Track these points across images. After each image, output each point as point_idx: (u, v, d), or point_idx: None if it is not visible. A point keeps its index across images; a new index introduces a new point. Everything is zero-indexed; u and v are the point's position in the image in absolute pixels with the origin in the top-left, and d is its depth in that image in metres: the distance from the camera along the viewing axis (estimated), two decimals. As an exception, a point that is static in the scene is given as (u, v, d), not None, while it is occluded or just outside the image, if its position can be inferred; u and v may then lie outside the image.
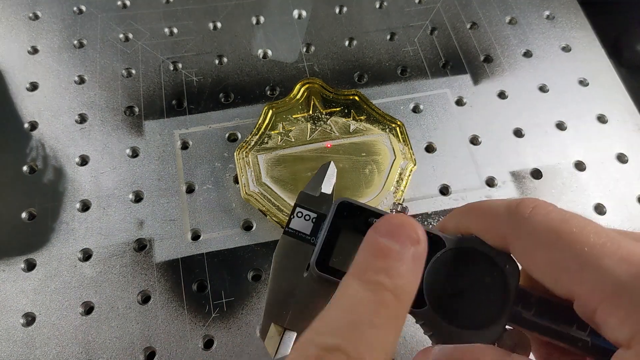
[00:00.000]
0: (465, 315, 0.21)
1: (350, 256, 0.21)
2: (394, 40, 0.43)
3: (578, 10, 0.45)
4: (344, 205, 0.23)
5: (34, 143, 0.37)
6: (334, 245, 0.23)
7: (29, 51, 0.40)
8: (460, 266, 0.21)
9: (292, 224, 0.24)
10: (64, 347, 0.30)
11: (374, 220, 0.23)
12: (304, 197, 0.25)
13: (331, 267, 0.22)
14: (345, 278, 0.19)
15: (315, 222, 0.24)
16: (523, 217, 0.19)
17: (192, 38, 0.42)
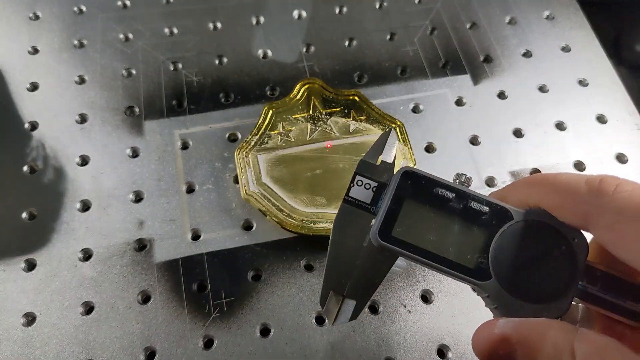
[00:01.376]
0: (532, 289, 0.21)
1: (414, 227, 0.22)
2: (393, 41, 0.43)
3: (578, 10, 0.45)
4: (408, 174, 0.22)
5: (35, 143, 0.37)
6: (397, 215, 0.22)
7: (29, 51, 0.40)
8: (528, 239, 0.21)
9: (352, 193, 0.24)
10: (64, 347, 0.30)
11: (439, 190, 0.22)
12: (364, 166, 0.24)
13: (394, 237, 0.22)
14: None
15: (376, 192, 0.24)
16: (607, 193, 0.19)
17: (192, 38, 0.42)
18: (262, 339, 0.30)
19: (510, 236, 0.21)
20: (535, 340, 0.19)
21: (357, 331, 0.31)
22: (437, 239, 0.22)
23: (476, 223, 0.22)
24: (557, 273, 0.21)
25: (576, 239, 0.21)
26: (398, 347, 0.30)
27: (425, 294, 0.32)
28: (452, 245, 0.22)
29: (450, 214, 0.22)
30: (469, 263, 0.21)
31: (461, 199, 0.22)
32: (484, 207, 0.22)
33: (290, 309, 0.31)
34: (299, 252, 0.33)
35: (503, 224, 0.21)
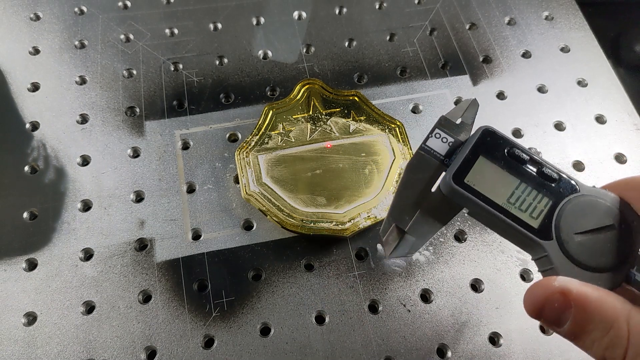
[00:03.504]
0: (587, 257, 0.22)
1: (485, 179, 0.24)
2: (393, 41, 0.43)
3: (577, 11, 0.45)
4: (488, 132, 0.24)
5: (36, 143, 0.37)
6: (471, 165, 0.24)
7: (30, 52, 0.41)
8: (593, 213, 0.22)
9: (429, 143, 0.26)
10: (65, 347, 0.30)
11: (515, 150, 0.24)
12: (444, 121, 0.26)
13: (466, 183, 0.24)
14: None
15: (451, 146, 0.25)
16: None
17: (193, 39, 0.42)
18: (262, 339, 0.31)
19: (575, 206, 0.23)
20: (594, 301, 0.19)
21: (357, 331, 0.31)
22: (506, 194, 0.23)
23: (545, 187, 0.23)
24: (614, 248, 0.22)
25: (635, 222, 0.22)
26: (398, 347, 0.30)
27: (425, 293, 0.32)
28: (520, 203, 0.23)
29: (523, 174, 0.24)
30: (533, 222, 0.23)
31: (535, 163, 0.24)
32: (554, 174, 0.23)
33: (290, 308, 0.31)
34: (299, 252, 0.33)
35: (569, 194, 0.23)
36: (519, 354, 0.31)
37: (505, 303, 0.32)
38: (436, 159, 0.25)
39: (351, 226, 0.33)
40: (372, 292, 0.32)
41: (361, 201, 0.34)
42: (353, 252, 0.33)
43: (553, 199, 0.23)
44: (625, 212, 0.22)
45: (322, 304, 0.32)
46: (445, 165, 0.25)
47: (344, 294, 0.32)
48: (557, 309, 0.20)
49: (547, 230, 0.23)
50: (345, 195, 0.34)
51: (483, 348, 0.31)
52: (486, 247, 0.34)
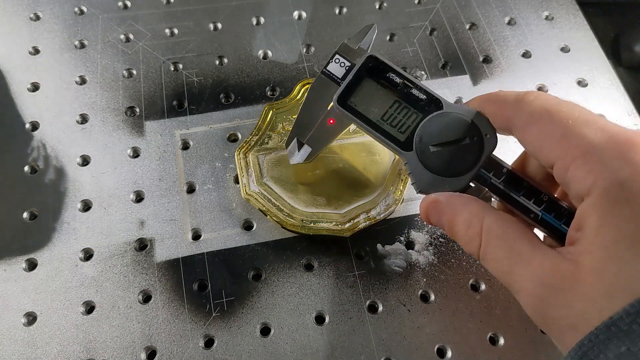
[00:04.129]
0: (440, 165, 0.26)
1: (365, 100, 0.28)
2: (393, 41, 0.43)
3: (577, 11, 0.45)
4: (372, 58, 0.28)
5: (35, 143, 0.37)
6: (354, 89, 0.28)
7: (30, 52, 0.41)
8: (449, 127, 0.26)
9: (329, 67, 0.30)
10: (65, 347, 0.30)
11: (390, 75, 0.28)
12: (344, 48, 0.30)
13: (349, 105, 0.28)
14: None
15: (348, 70, 0.29)
16: (526, 101, 0.24)
17: (193, 39, 0.42)
18: (262, 339, 0.31)
19: (436, 121, 0.27)
20: (458, 205, 0.25)
21: (357, 331, 0.31)
22: (380, 112, 0.28)
23: (413, 106, 0.27)
24: (464, 157, 0.26)
25: (488, 135, 0.26)
26: (398, 347, 0.30)
27: (424, 293, 0.32)
28: (391, 120, 0.27)
29: (395, 95, 0.28)
30: (400, 137, 0.27)
31: (406, 86, 0.28)
32: (422, 95, 0.27)
33: (290, 308, 0.31)
34: (299, 252, 0.33)
35: (433, 112, 0.27)
36: (519, 354, 0.30)
37: (506, 303, 0.32)
38: (334, 81, 0.29)
39: (351, 226, 0.33)
40: (372, 292, 0.32)
41: (361, 201, 0.34)
42: (353, 252, 0.33)
43: (420, 116, 0.27)
44: (480, 126, 0.26)
45: (322, 304, 0.32)
46: (338, 86, 0.29)
47: (344, 294, 0.32)
48: (435, 215, 0.26)
49: (409, 143, 0.27)
50: (345, 195, 0.34)
51: (483, 348, 0.31)
52: (486, 247, 0.34)
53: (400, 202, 0.34)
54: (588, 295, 0.19)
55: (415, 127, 0.27)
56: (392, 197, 0.34)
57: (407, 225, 0.35)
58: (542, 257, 0.21)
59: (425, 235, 0.34)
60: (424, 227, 0.35)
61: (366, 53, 0.28)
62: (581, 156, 0.21)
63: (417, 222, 0.35)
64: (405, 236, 0.34)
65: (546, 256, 0.21)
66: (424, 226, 0.35)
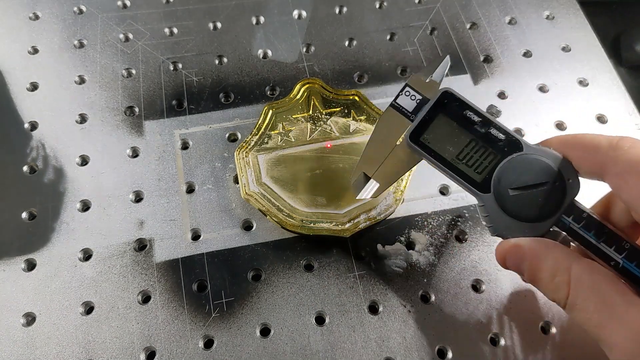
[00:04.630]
0: (519, 209, 0.25)
1: (440, 138, 0.27)
2: (393, 41, 0.43)
3: (578, 10, 0.45)
4: (447, 94, 0.27)
5: (35, 143, 0.37)
6: (428, 125, 0.27)
7: (29, 51, 0.40)
8: (530, 170, 0.25)
9: (399, 100, 0.29)
10: (64, 347, 0.30)
11: (467, 112, 0.27)
12: (415, 80, 0.29)
13: (421, 141, 0.27)
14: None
15: (419, 103, 0.28)
16: (623, 148, 0.23)
17: (192, 38, 0.42)
18: (262, 339, 0.30)
19: (516, 163, 0.26)
20: (541, 252, 0.24)
21: (357, 331, 0.31)
22: (456, 151, 0.27)
23: (491, 146, 0.26)
24: (545, 202, 0.25)
25: (571, 180, 0.25)
26: (398, 347, 0.30)
27: (425, 294, 0.32)
28: (467, 159, 0.27)
29: (472, 134, 0.27)
30: (476, 177, 0.26)
31: (484, 124, 0.27)
32: (501, 135, 0.26)
33: (290, 309, 0.31)
34: (299, 252, 0.33)
35: (513, 153, 0.26)
36: (519, 354, 0.30)
37: (506, 303, 0.32)
38: (404, 115, 0.28)
39: (351, 226, 0.33)
40: (372, 292, 0.32)
41: (361, 201, 0.34)
42: (353, 252, 0.33)
43: (498, 156, 0.26)
44: (563, 170, 0.25)
45: (322, 305, 0.32)
46: (411, 120, 0.28)
47: (344, 294, 0.32)
48: (515, 260, 0.25)
49: (487, 185, 0.26)
50: (345, 195, 0.34)
51: (483, 348, 0.31)
52: (486, 247, 0.34)
53: (400, 202, 0.34)
54: None
55: (493, 168, 0.26)
56: (392, 197, 0.34)
57: (407, 226, 0.34)
58: (637, 311, 0.21)
59: (426, 235, 0.34)
60: (424, 227, 0.35)
61: (440, 88, 0.27)
62: None
63: (417, 222, 0.35)
64: (406, 236, 0.34)
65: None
66: (424, 226, 0.35)
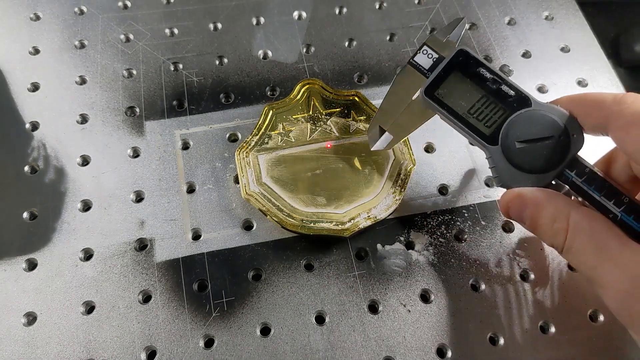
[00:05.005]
0: (524, 161, 0.26)
1: (453, 93, 0.28)
2: (393, 41, 0.43)
3: (577, 10, 0.45)
4: (462, 52, 0.28)
5: (35, 143, 0.37)
6: (443, 81, 0.28)
7: (30, 52, 0.41)
8: (536, 125, 0.27)
9: (417, 58, 0.30)
10: (65, 347, 0.30)
11: (480, 70, 0.28)
12: (433, 39, 0.31)
13: (436, 96, 0.28)
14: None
15: (435, 62, 0.30)
16: (626, 102, 0.24)
17: (193, 39, 0.42)
18: (262, 339, 0.31)
19: (523, 118, 0.27)
20: (543, 200, 0.25)
21: (357, 331, 0.31)
22: (467, 106, 0.28)
23: (501, 102, 0.27)
24: (549, 155, 0.26)
25: (575, 135, 0.26)
26: (398, 347, 0.30)
27: (424, 293, 0.32)
28: (478, 114, 0.28)
29: (484, 90, 0.28)
30: (486, 131, 0.28)
31: (496, 82, 0.28)
32: (511, 91, 0.27)
33: (290, 308, 0.31)
34: (299, 252, 0.33)
35: (521, 108, 0.27)
36: (519, 354, 0.31)
37: (505, 303, 0.32)
38: (420, 72, 0.30)
39: (351, 226, 0.33)
40: (372, 292, 0.32)
41: (361, 201, 0.34)
42: (353, 252, 0.33)
43: (507, 111, 0.27)
44: (569, 125, 0.26)
45: (322, 304, 0.32)
46: (427, 77, 0.29)
47: (344, 294, 0.32)
48: (517, 208, 0.26)
49: (495, 138, 0.27)
50: (345, 195, 0.34)
51: (483, 348, 0.31)
52: (486, 247, 0.34)
53: (400, 202, 0.34)
54: None
55: (502, 122, 0.27)
56: (392, 197, 0.34)
57: (407, 225, 0.35)
58: (631, 254, 0.22)
59: (425, 235, 0.34)
60: (424, 227, 0.35)
61: (456, 46, 0.29)
62: None
63: (417, 222, 0.35)
64: (405, 236, 0.34)
65: (636, 253, 0.22)
66: (424, 226, 0.35)
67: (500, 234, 0.35)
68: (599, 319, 0.32)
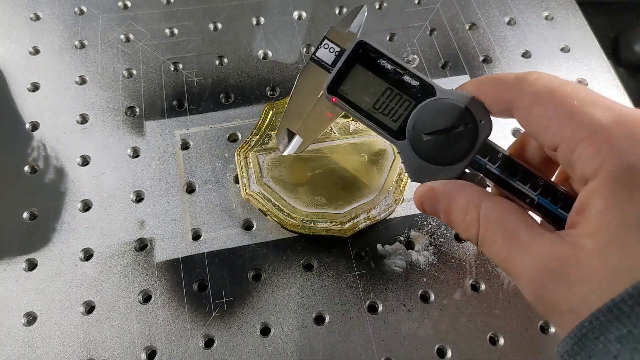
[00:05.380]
0: (434, 153, 0.25)
1: (356, 88, 0.27)
2: (393, 41, 0.43)
3: (577, 10, 0.45)
4: (362, 44, 0.27)
5: (36, 143, 0.37)
6: (345, 76, 0.27)
7: (30, 52, 0.41)
8: (442, 114, 0.26)
9: (318, 53, 0.29)
10: (65, 347, 0.30)
11: (381, 61, 0.27)
12: (333, 32, 0.29)
13: (339, 93, 0.27)
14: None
15: (337, 55, 0.29)
16: (529, 81, 0.23)
17: (193, 39, 0.42)
18: (262, 339, 0.31)
19: (428, 109, 0.26)
20: (454, 192, 0.24)
21: (357, 331, 0.31)
22: (372, 101, 0.27)
23: (405, 93, 0.26)
24: (458, 144, 0.25)
25: (483, 121, 0.25)
26: (398, 347, 0.30)
27: (424, 293, 0.32)
28: (383, 108, 0.27)
29: (387, 83, 0.27)
30: (392, 125, 0.26)
31: (398, 73, 0.27)
32: (415, 81, 0.26)
33: (290, 308, 0.31)
34: (299, 252, 0.33)
35: (426, 98, 0.26)
36: (519, 354, 0.31)
37: (505, 303, 0.32)
38: (323, 68, 0.28)
39: (351, 226, 0.33)
40: (372, 292, 0.32)
41: (361, 201, 0.34)
42: (353, 252, 0.33)
43: (412, 103, 0.26)
44: (475, 112, 0.25)
45: (322, 304, 0.32)
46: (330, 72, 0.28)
47: (344, 294, 0.32)
48: (430, 203, 0.25)
49: (402, 132, 0.26)
50: (345, 195, 0.34)
51: (483, 348, 0.31)
52: (486, 247, 0.34)
53: (400, 202, 0.34)
54: (589, 279, 0.19)
55: (408, 115, 0.26)
56: (392, 197, 0.34)
57: (407, 225, 0.35)
58: (541, 242, 0.21)
59: (425, 235, 0.34)
60: (424, 227, 0.35)
61: (355, 38, 0.27)
62: (588, 137, 0.20)
63: (417, 222, 0.35)
64: (405, 236, 0.34)
65: (545, 240, 0.21)
66: (424, 226, 0.35)
67: (500, 234, 0.35)
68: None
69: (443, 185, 0.25)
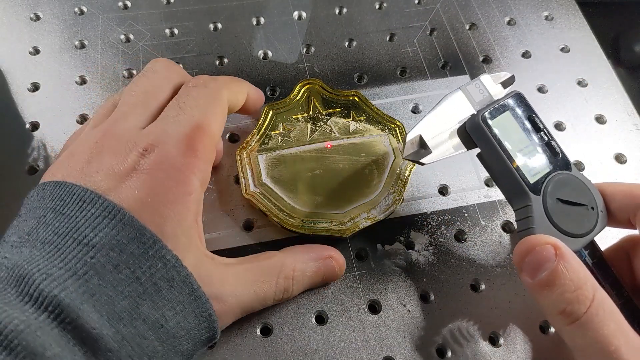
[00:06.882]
0: (561, 219, 0.26)
1: (504, 129, 0.28)
2: (393, 41, 0.43)
3: (577, 11, 0.45)
4: (519, 96, 0.30)
5: (36, 143, 0.37)
6: (497, 115, 0.28)
7: (30, 52, 0.41)
8: (576, 190, 0.27)
9: (469, 87, 0.30)
10: (65, 347, 0.30)
11: (535, 118, 0.29)
12: (486, 78, 0.30)
13: (489, 124, 0.28)
14: None
15: (484, 97, 0.30)
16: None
17: (193, 39, 0.42)
18: (262, 338, 0.31)
19: (565, 179, 0.27)
20: (574, 260, 0.24)
21: (356, 331, 0.31)
22: (517, 147, 0.28)
23: (547, 157, 0.28)
24: (581, 223, 0.27)
25: (603, 212, 0.27)
26: (398, 347, 0.30)
27: (424, 293, 0.32)
28: (526, 158, 0.28)
29: (535, 138, 0.28)
30: (530, 178, 0.27)
31: (546, 135, 0.29)
32: (558, 150, 0.28)
33: (290, 308, 0.31)
34: (299, 252, 0.33)
35: (561, 169, 0.28)
36: (519, 354, 0.31)
37: (505, 303, 0.32)
38: (469, 101, 0.29)
39: (351, 226, 0.33)
40: (372, 292, 0.32)
41: (361, 201, 0.34)
42: (353, 252, 0.33)
43: (550, 167, 0.28)
44: (598, 202, 0.27)
45: (322, 304, 0.32)
46: (474, 108, 0.29)
47: (344, 294, 0.32)
48: (540, 259, 0.24)
49: (537, 188, 0.27)
50: (345, 195, 0.34)
51: (483, 348, 0.31)
52: (486, 247, 0.34)
53: (400, 202, 0.34)
54: None
55: (544, 176, 0.27)
56: (392, 197, 0.34)
57: (407, 225, 0.35)
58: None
59: (425, 235, 0.34)
60: (423, 227, 0.35)
61: (514, 90, 0.30)
62: None
63: (417, 222, 0.35)
64: (405, 236, 0.34)
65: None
66: (424, 226, 0.35)
67: (500, 234, 0.35)
68: (599, 319, 0.32)
69: (567, 247, 0.24)
